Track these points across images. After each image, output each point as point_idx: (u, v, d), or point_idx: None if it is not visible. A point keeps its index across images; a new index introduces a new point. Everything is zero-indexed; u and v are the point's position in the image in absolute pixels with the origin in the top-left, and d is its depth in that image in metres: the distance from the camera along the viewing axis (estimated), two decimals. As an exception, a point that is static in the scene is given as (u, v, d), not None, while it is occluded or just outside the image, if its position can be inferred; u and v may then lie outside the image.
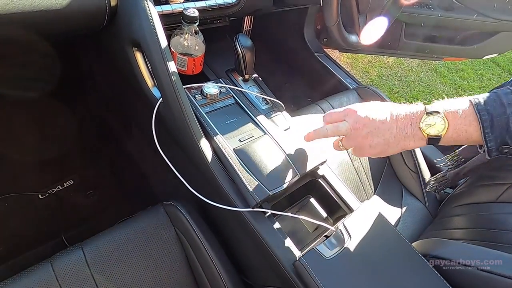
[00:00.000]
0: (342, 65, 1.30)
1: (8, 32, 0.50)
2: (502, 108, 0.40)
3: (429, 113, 0.44)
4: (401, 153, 0.99)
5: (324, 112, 0.93)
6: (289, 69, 1.41)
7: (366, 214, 0.58)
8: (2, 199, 0.86)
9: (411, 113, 0.46)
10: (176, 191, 0.76)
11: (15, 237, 0.85)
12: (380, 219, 0.59)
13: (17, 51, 0.78)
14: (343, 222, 0.53)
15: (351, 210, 0.60)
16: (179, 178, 0.59)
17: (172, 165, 0.60)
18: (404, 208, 0.93)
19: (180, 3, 0.65)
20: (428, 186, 0.87)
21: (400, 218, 0.88)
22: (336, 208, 0.63)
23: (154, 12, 0.55)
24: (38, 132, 0.98)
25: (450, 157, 0.81)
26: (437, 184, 0.83)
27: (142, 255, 0.58)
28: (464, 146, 0.76)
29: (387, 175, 0.99)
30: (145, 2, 0.55)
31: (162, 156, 0.59)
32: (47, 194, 0.91)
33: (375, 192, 0.95)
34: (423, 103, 0.46)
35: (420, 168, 0.96)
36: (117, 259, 0.57)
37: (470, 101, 0.43)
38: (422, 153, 0.99)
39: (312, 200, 0.64)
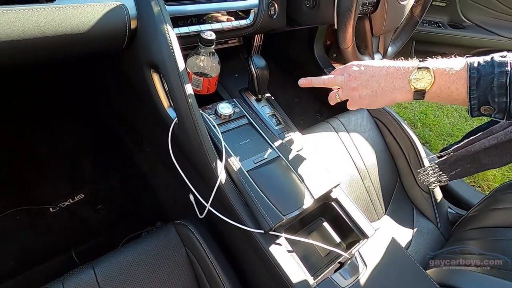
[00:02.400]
0: (350, 81, 1.30)
1: (32, 57, 0.51)
2: (491, 68, 0.42)
3: (419, 68, 0.46)
4: (412, 173, 0.98)
5: (335, 130, 0.93)
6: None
7: (379, 240, 0.57)
8: (14, 212, 0.87)
9: (403, 67, 0.48)
10: (186, 208, 0.76)
11: (25, 251, 0.85)
12: (394, 245, 0.58)
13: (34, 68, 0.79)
14: (358, 250, 0.52)
15: (365, 236, 0.59)
16: (193, 196, 0.59)
17: (185, 183, 0.60)
18: (415, 229, 0.92)
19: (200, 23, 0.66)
20: (420, 176, 0.85)
21: (411, 239, 0.87)
22: (349, 233, 0.62)
23: (173, 35, 0.56)
24: (50, 145, 1.00)
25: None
26: (426, 173, 0.82)
27: (152, 276, 0.58)
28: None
29: (398, 195, 0.98)
30: (165, 25, 0.56)
31: (173, 173, 0.60)
32: (58, 208, 0.92)
33: (385, 211, 0.94)
34: (419, 60, 0.48)
35: (432, 189, 0.95)
36: (128, 279, 0.56)
37: (467, 61, 0.44)
38: (434, 173, 0.98)
39: (325, 224, 0.63)
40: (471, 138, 0.73)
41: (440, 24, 1.30)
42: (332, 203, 0.64)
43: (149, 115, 0.76)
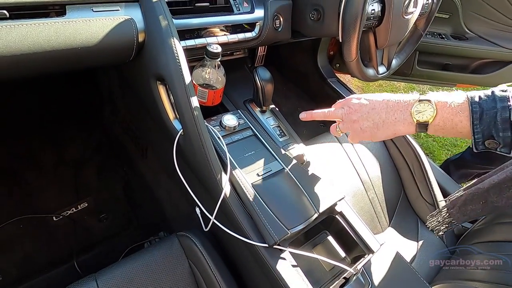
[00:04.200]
0: (353, 89, 1.31)
1: (42, 69, 0.52)
2: (493, 103, 0.42)
3: (421, 101, 0.47)
4: (416, 184, 0.97)
5: (339, 141, 0.93)
6: (302, 93, 1.43)
7: (384, 255, 0.56)
8: (17, 221, 0.87)
9: (403, 100, 0.49)
10: (190, 219, 0.76)
11: (28, 260, 0.85)
12: (399, 260, 0.57)
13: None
14: (363, 266, 0.52)
15: (370, 250, 0.59)
16: (196, 207, 0.59)
17: (189, 194, 0.60)
18: (420, 242, 0.90)
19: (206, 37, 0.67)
20: (427, 223, 0.83)
21: (416, 253, 0.86)
22: (354, 247, 0.62)
23: (180, 49, 0.57)
24: (55, 154, 1.00)
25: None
26: (437, 223, 0.79)
27: (155, 288, 0.57)
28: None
29: (402, 207, 0.97)
30: (172, 39, 0.56)
31: (177, 184, 0.60)
32: (61, 216, 0.92)
33: (390, 223, 0.93)
34: (419, 94, 0.49)
35: (436, 201, 0.94)
36: (131, 292, 0.56)
37: (467, 95, 0.45)
38: (439, 184, 0.97)
39: (330, 238, 0.63)
40: (482, 176, 0.70)
41: (443, 36, 1.30)
42: (337, 216, 0.64)
43: (154, 126, 0.77)
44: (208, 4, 0.67)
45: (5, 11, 0.45)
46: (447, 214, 0.75)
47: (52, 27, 0.49)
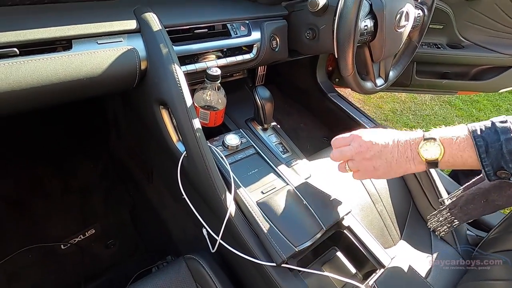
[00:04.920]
0: (354, 102, 1.32)
1: (49, 101, 0.54)
2: (496, 135, 0.43)
3: (426, 139, 0.47)
4: (425, 194, 0.95)
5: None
6: (304, 109, 1.44)
7: (397, 269, 0.55)
8: (26, 251, 0.87)
9: (410, 138, 0.50)
10: (196, 241, 0.75)
11: (36, 291, 0.84)
12: (413, 275, 0.56)
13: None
14: (374, 282, 0.50)
15: (381, 265, 0.57)
16: (203, 229, 0.59)
17: (195, 216, 0.60)
18: (434, 255, 0.87)
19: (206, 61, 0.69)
20: (428, 223, 0.82)
21: (431, 266, 0.83)
22: (365, 262, 0.60)
23: (181, 74, 0.59)
24: (62, 181, 1.02)
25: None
26: (438, 223, 0.78)
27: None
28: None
29: (413, 218, 0.95)
30: (173, 65, 0.59)
31: (183, 206, 0.60)
32: (69, 244, 0.92)
33: (401, 236, 0.91)
34: (422, 130, 0.50)
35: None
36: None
37: (468, 128, 0.46)
38: (448, 193, 0.95)
39: (339, 254, 0.62)
40: (480, 176, 0.70)
41: (439, 46, 1.32)
42: (345, 231, 0.63)
43: (158, 149, 0.78)
44: (206, 30, 0.69)
45: (15, 49, 0.47)
46: (449, 214, 0.74)
47: (59, 61, 0.51)
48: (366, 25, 0.71)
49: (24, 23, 0.49)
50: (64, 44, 0.53)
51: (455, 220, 0.72)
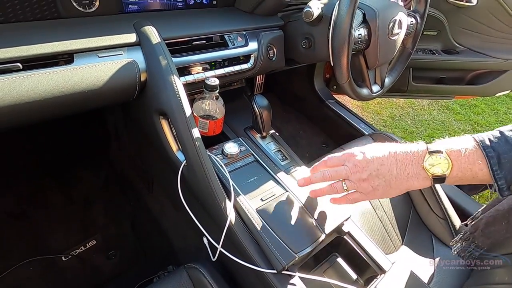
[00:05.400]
0: (353, 109, 1.33)
1: (50, 114, 0.55)
2: (508, 146, 0.40)
3: (431, 153, 0.44)
4: (426, 199, 0.95)
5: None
6: (303, 116, 1.46)
7: (399, 275, 0.55)
8: (27, 263, 0.87)
9: (411, 152, 0.46)
10: (197, 250, 0.75)
11: (37, 304, 0.84)
12: (415, 280, 0.56)
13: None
14: (376, 287, 0.50)
15: (382, 270, 0.57)
16: (203, 237, 0.59)
17: (195, 224, 0.60)
18: (437, 259, 0.87)
19: (201, 72, 0.71)
20: (453, 250, 0.78)
21: (434, 272, 0.82)
22: (366, 268, 0.60)
23: (180, 85, 0.60)
24: (63, 193, 1.02)
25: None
26: (461, 247, 0.74)
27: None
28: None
29: (414, 223, 0.95)
30: (172, 76, 0.60)
31: (183, 215, 0.60)
32: (70, 256, 0.92)
33: (403, 242, 0.90)
34: (425, 142, 0.46)
35: (448, 214, 0.92)
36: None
37: (474, 139, 0.42)
38: (448, 197, 0.96)
39: (340, 260, 0.62)
40: (496, 198, 0.66)
41: (434, 51, 1.34)
42: (345, 237, 0.63)
43: (159, 158, 0.79)
44: (204, 41, 0.71)
45: (18, 64, 0.49)
46: (472, 238, 0.70)
47: (61, 74, 0.53)
48: (360, 34, 0.73)
49: (27, 38, 0.51)
50: (66, 58, 0.54)
51: (479, 244, 0.67)
